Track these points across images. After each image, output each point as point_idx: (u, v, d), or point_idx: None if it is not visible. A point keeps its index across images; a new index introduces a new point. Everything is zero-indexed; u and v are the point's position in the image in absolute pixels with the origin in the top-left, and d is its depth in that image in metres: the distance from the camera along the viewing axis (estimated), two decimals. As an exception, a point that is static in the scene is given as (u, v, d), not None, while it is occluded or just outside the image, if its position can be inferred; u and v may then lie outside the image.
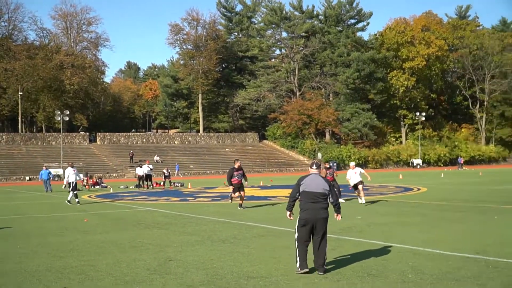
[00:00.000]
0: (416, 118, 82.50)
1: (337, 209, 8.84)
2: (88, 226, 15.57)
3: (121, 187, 38.59)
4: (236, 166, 19.03)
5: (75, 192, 23.48)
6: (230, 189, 20.08)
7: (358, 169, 21.35)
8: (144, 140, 77.78)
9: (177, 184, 39.88)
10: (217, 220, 16.56)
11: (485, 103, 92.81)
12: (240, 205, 19.31)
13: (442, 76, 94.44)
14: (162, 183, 39.85)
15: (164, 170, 41.26)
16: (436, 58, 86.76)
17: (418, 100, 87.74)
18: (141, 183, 37.16)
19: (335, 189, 8.92)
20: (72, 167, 24.17)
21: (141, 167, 38.12)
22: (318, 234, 8.43)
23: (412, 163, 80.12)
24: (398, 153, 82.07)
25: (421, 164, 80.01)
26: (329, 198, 8.53)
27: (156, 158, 64.95)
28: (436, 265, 9.00)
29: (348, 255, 9.87)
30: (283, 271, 8.74)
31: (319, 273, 8.27)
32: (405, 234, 12.82)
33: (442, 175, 50.22)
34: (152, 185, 37.56)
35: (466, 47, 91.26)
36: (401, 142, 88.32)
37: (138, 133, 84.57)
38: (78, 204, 22.82)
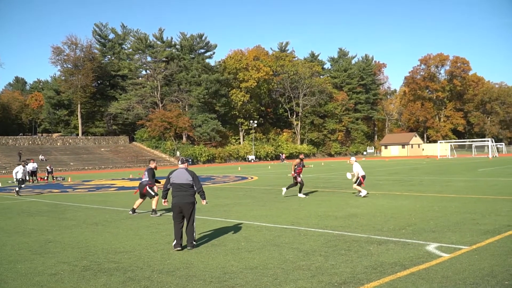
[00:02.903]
0: (250, 125, 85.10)
1: (202, 195, 8.46)
2: (-25, 217, 13.92)
3: (9, 182, 35.17)
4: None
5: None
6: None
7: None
8: (30, 142, 71.49)
9: (59, 178, 37.20)
10: (92, 207, 15.67)
11: (300, 114, 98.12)
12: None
13: (269, 94, 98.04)
14: (45, 178, 36.95)
15: (48, 167, 38.37)
16: (264, 81, 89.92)
17: (252, 111, 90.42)
18: (27, 178, 34.40)
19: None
20: None
21: (27, 164, 35.28)
22: (186, 217, 8.11)
23: (248, 158, 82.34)
24: (237, 151, 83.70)
25: (254, 159, 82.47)
26: (194, 187, 8.21)
27: (41, 157, 60.12)
28: (262, 234, 9.26)
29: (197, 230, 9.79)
30: (145, 246, 8.48)
31: (188, 248, 7.92)
32: (240, 212, 12.97)
33: (269, 167, 52.01)
34: (37, 179, 34.86)
35: (285, 72, 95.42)
36: (239, 143, 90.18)
37: (24, 136, 77.38)
38: None
